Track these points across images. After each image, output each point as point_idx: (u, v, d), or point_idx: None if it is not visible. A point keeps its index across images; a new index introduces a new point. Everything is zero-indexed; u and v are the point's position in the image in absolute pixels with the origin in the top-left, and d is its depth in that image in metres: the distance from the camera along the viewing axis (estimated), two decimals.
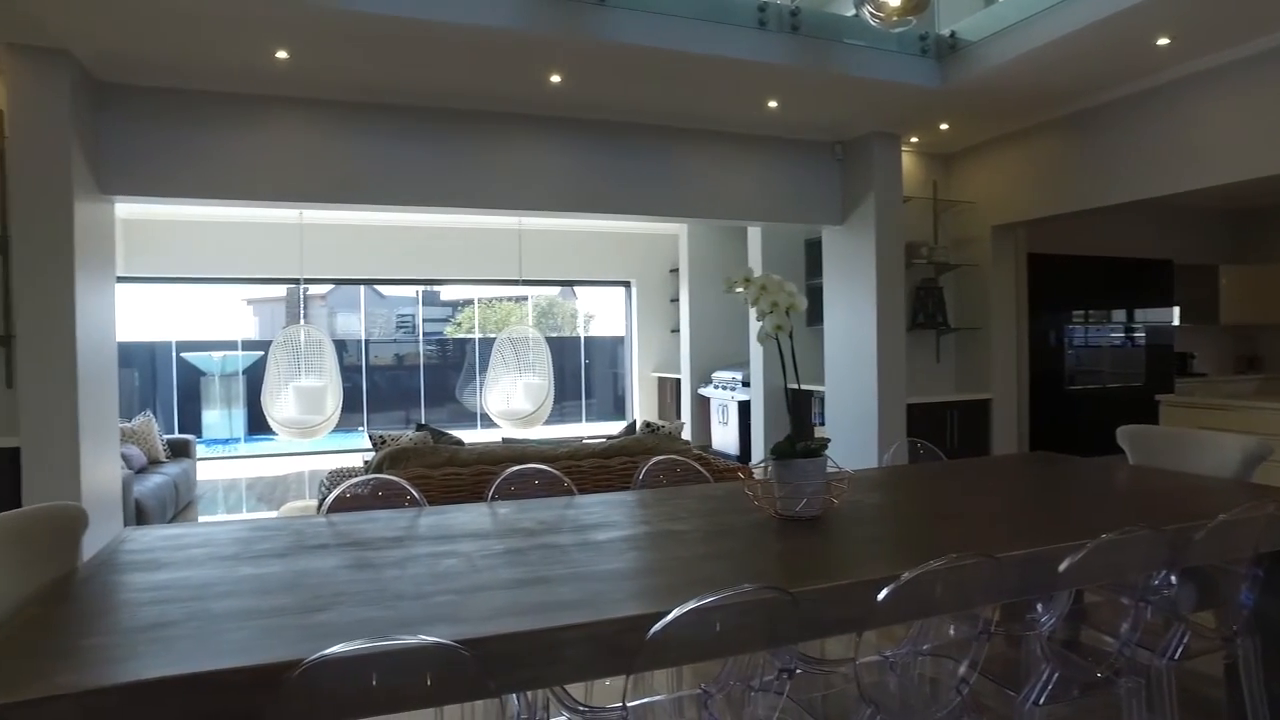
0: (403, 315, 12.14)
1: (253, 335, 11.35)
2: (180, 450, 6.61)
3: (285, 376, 6.33)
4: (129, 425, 6.03)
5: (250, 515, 6.37)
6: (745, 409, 7.71)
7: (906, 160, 5.96)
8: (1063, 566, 1.75)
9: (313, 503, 6.34)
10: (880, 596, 1.49)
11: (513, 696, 1.68)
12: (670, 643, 1.34)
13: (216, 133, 4.32)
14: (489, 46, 3.92)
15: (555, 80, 4.39)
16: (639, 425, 5.49)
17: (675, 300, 9.81)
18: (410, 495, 2.48)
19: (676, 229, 9.35)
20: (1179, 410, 5.26)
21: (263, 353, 7.55)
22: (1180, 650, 2.02)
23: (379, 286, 11.33)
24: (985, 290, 6.13)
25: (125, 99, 4.16)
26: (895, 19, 2.99)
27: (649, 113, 5.06)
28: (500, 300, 12.56)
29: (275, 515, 6.04)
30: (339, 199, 4.63)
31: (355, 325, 11.65)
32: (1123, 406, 6.76)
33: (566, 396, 11.67)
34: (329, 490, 4.45)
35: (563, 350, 11.94)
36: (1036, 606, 1.99)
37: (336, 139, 4.56)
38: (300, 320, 6.94)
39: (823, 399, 6.11)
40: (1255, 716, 2.22)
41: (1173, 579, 1.99)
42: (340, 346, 10.25)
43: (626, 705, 1.49)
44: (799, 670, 1.82)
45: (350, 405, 8.53)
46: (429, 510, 2.37)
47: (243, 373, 10.76)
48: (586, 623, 1.38)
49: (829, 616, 1.59)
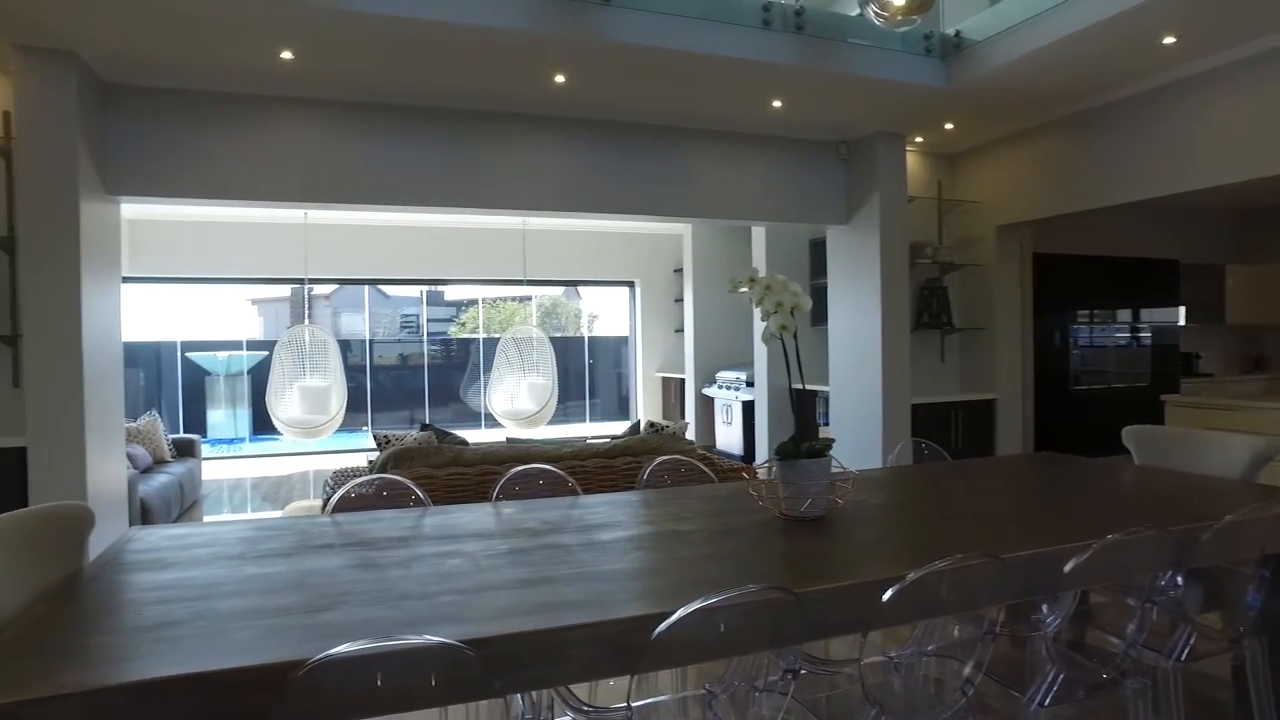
0: (407, 315, 12.15)
1: (257, 335, 11.38)
2: (185, 450, 6.63)
3: (290, 376, 6.35)
4: (134, 425, 6.05)
5: (255, 515, 6.39)
6: (749, 409, 7.71)
7: (911, 160, 5.95)
8: (1068, 567, 1.74)
9: (317, 502, 6.35)
10: (885, 597, 1.49)
11: (517, 696, 1.68)
12: (675, 643, 1.34)
13: (221, 133, 4.34)
14: (493, 47, 3.92)
15: (559, 80, 4.40)
16: (643, 425, 5.49)
17: (679, 300, 9.81)
18: (415, 495, 2.48)
19: (681, 229, 9.35)
20: (1185, 410, 5.24)
21: (267, 353, 7.57)
22: (1187, 652, 2.01)
23: (383, 286, 11.35)
24: (990, 290, 6.12)
25: (131, 99, 4.18)
26: (900, 18, 2.99)
27: (653, 112, 5.06)
28: (504, 300, 12.58)
29: (280, 515, 6.05)
30: (344, 199, 4.64)
31: (360, 325, 11.67)
32: (1128, 407, 6.74)
33: (570, 396, 11.67)
34: (333, 490, 4.47)
35: (567, 350, 11.94)
36: (1042, 607, 1.99)
37: (341, 139, 4.57)
38: (305, 320, 6.96)
39: (827, 399, 6.11)
40: (1263, 718, 2.21)
41: (1179, 580, 1.98)
42: (345, 346, 10.28)
43: (631, 705, 1.49)
44: (803, 671, 1.81)
45: (355, 405, 8.54)
46: (433, 510, 2.37)
47: (247, 372, 10.79)
48: (591, 623, 1.38)
49: (834, 617, 1.59)
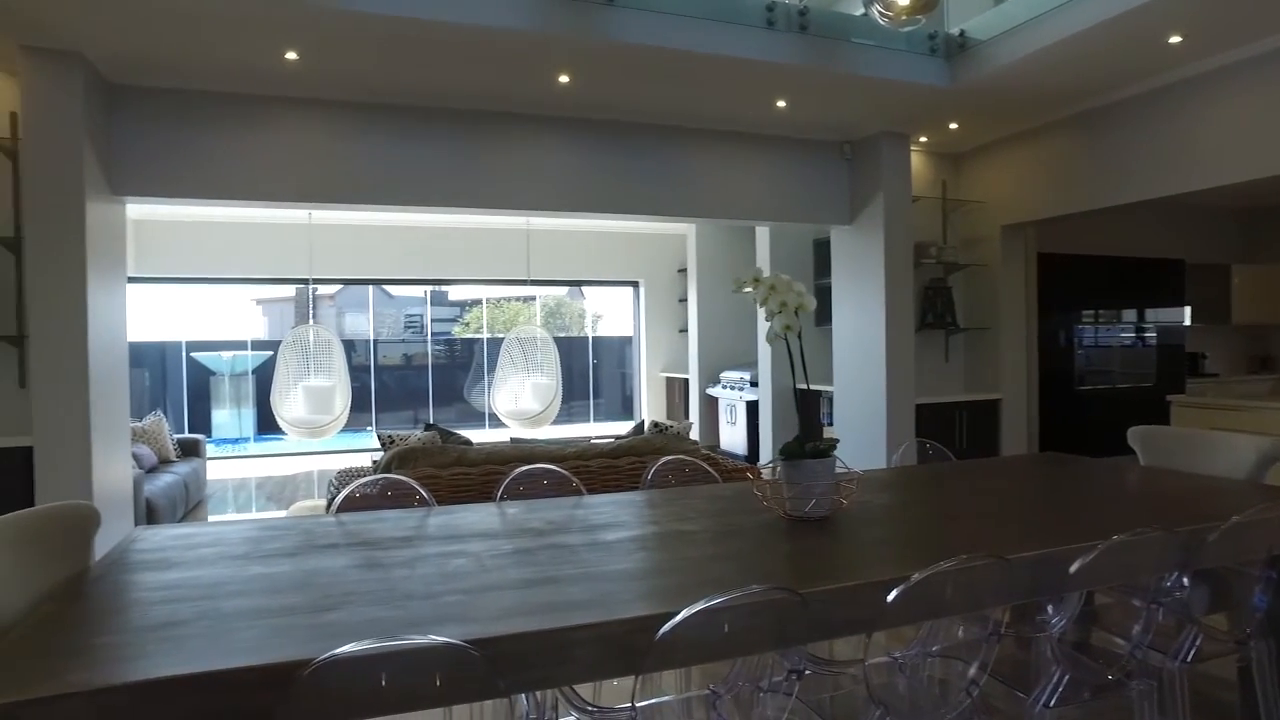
0: (411, 315, 12.17)
1: (262, 335, 11.40)
2: (190, 450, 6.65)
3: (294, 376, 6.36)
4: (140, 425, 6.07)
5: (259, 515, 6.40)
6: (753, 409, 7.70)
7: (915, 160, 5.94)
8: (1074, 568, 1.74)
9: (321, 502, 6.36)
10: (890, 598, 1.49)
11: (521, 696, 1.68)
12: (679, 643, 1.34)
13: (226, 133, 4.35)
14: (497, 47, 3.93)
15: (563, 80, 4.40)
16: (647, 425, 5.49)
17: (683, 300, 9.80)
18: (419, 495, 2.49)
19: (684, 229, 9.35)
20: (1190, 411, 5.22)
21: (272, 353, 7.60)
22: (1193, 653, 2.01)
23: (387, 286, 11.36)
24: (994, 290, 6.10)
25: (136, 100, 4.19)
26: (904, 18, 2.98)
27: (657, 112, 5.06)
28: (508, 300, 12.58)
29: (284, 515, 6.06)
30: (348, 199, 4.65)
31: (364, 325, 11.69)
32: (1133, 407, 6.73)
33: (574, 396, 11.67)
34: (338, 490, 4.47)
35: (571, 350, 11.94)
36: (1047, 608, 1.98)
37: (345, 139, 4.57)
38: (309, 320, 6.97)
39: (831, 399, 6.10)
40: None
41: (1185, 581, 1.98)
42: (349, 346, 10.30)
43: (635, 705, 1.49)
44: (808, 671, 1.81)
45: (359, 405, 8.55)
46: (438, 510, 2.37)
47: (252, 372, 10.82)
48: (596, 623, 1.38)
49: (838, 618, 1.58)
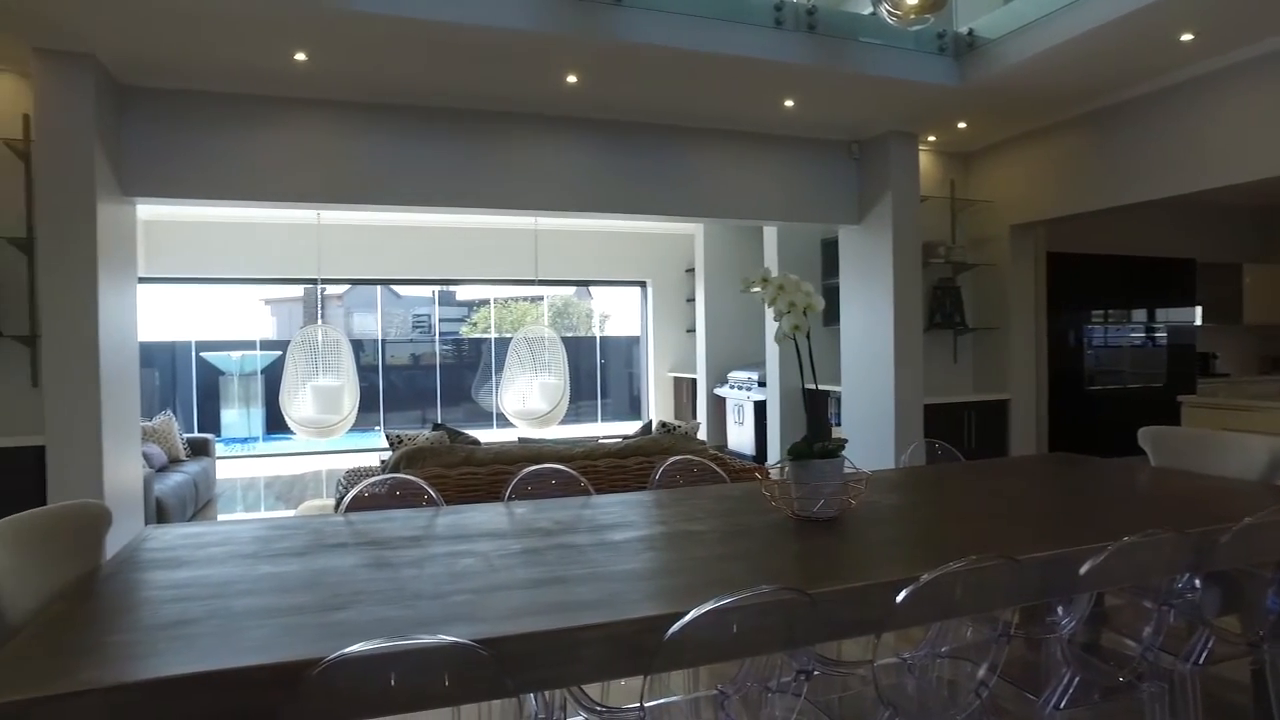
0: (419, 315, 12.20)
1: (271, 335, 11.46)
2: (200, 449, 6.69)
3: (303, 376, 6.38)
4: (150, 424, 6.10)
5: (268, 514, 6.43)
6: (761, 409, 7.69)
7: (924, 159, 5.92)
8: (1084, 569, 1.73)
9: (330, 501, 6.39)
10: (899, 598, 1.48)
11: (530, 696, 1.68)
12: (688, 643, 1.34)
13: (235, 134, 4.37)
14: (506, 47, 3.93)
15: (571, 80, 4.40)
16: (655, 425, 5.48)
17: (691, 300, 9.80)
18: (427, 495, 2.49)
19: (692, 229, 9.34)
20: (1202, 411, 5.18)
21: (280, 352, 7.62)
22: (1205, 655, 1.99)
23: (395, 286, 11.40)
24: (1004, 290, 6.08)
25: (147, 101, 4.21)
26: (913, 17, 2.97)
27: (665, 112, 5.06)
28: (516, 300, 12.60)
29: (293, 514, 6.09)
30: (356, 199, 4.66)
31: (372, 325, 11.73)
32: (1143, 407, 6.69)
33: (582, 396, 11.69)
34: (346, 489, 4.49)
35: (578, 350, 11.96)
36: (1057, 609, 1.98)
37: (354, 140, 4.59)
38: (318, 320, 6.99)
39: (839, 399, 6.08)
40: None
41: (1197, 583, 1.96)
42: (357, 346, 10.33)
43: (644, 706, 1.49)
44: (816, 672, 1.81)
45: (367, 405, 8.60)
46: (446, 510, 2.38)
47: (261, 372, 10.87)
48: (604, 623, 1.38)
49: (847, 618, 1.58)
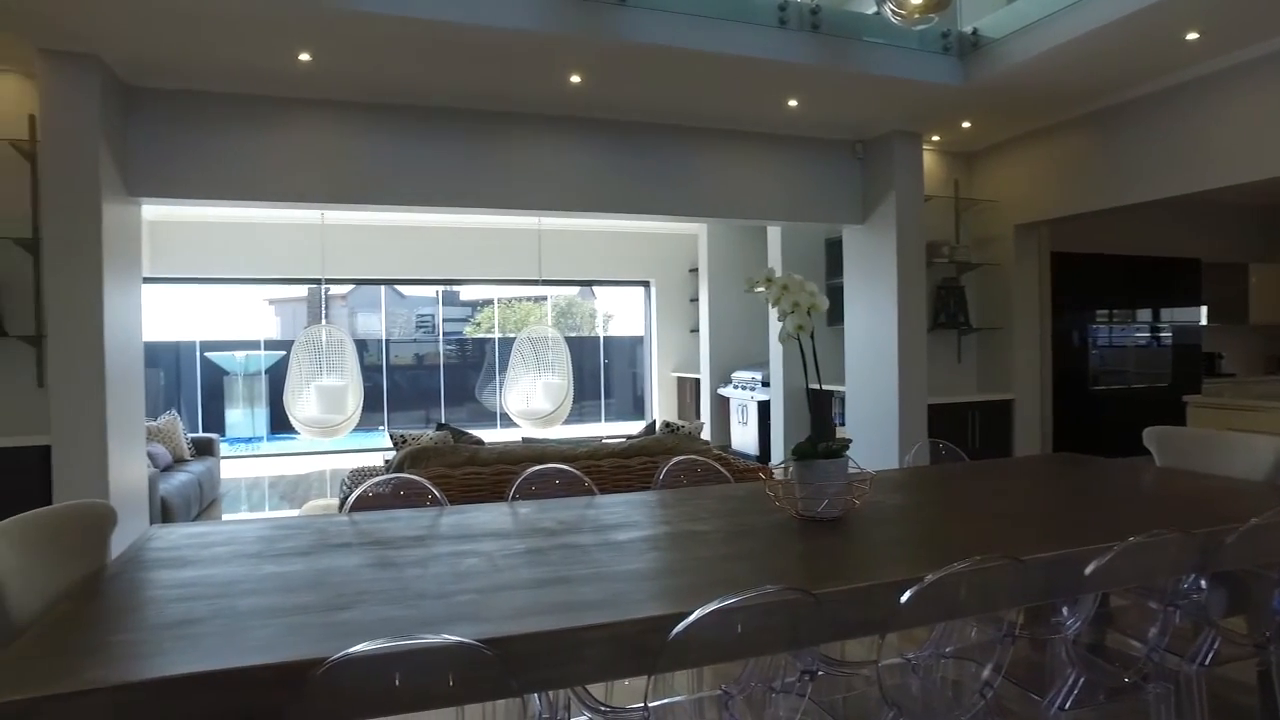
0: (423, 315, 12.22)
1: (275, 335, 11.48)
2: (204, 449, 6.70)
3: (307, 376, 6.39)
4: (154, 424, 6.11)
5: (272, 514, 6.44)
6: (765, 409, 7.69)
7: (928, 159, 5.91)
8: (1089, 569, 1.72)
9: (334, 501, 6.40)
10: (903, 598, 1.48)
11: (534, 696, 1.68)
12: (692, 644, 1.34)
13: (240, 135, 4.38)
14: (510, 47, 3.93)
15: (575, 80, 4.40)
16: (658, 425, 5.48)
17: (695, 300, 9.79)
18: (431, 494, 2.49)
19: (696, 229, 9.34)
20: (1207, 411, 5.16)
21: (285, 352, 7.65)
22: (1211, 656, 1.99)
23: (399, 286, 11.42)
24: (1008, 289, 6.07)
25: (152, 102, 4.22)
26: (917, 16, 2.97)
27: (669, 112, 5.06)
28: (519, 300, 12.61)
29: (297, 514, 6.10)
30: (360, 199, 4.67)
31: (376, 325, 11.74)
32: (1148, 407, 6.67)
33: (586, 396, 11.69)
34: (350, 489, 4.49)
35: (582, 350, 11.96)
36: (1062, 609, 1.97)
37: (357, 140, 4.59)
38: (322, 320, 7.01)
39: (843, 399, 6.08)
40: None
41: (1202, 583, 1.96)
42: (361, 346, 10.34)
43: (648, 706, 1.49)
44: (821, 672, 1.80)
45: (371, 405, 8.60)
46: (450, 509, 2.38)
47: (265, 372, 10.89)
48: (608, 623, 1.38)
49: (851, 618, 1.58)
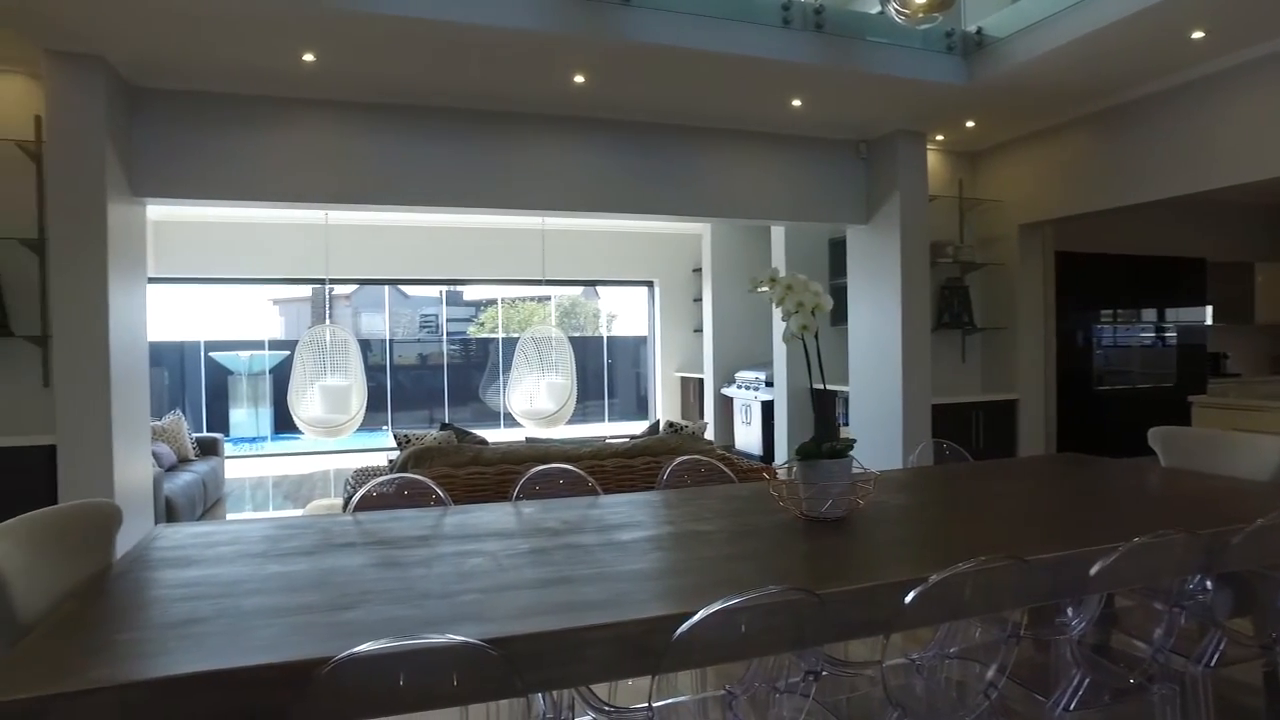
0: (426, 315, 12.23)
1: (279, 335, 11.50)
2: (209, 448, 6.72)
3: (311, 376, 6.40)
4: (159, 424, 6.13)
5: (277, 513, 6.45)
6: (768, 409, 7.68)
7: (932, 158, 5.90)
8: (1094, 570, 1.72)
9: (338, 501, 6.40)
10: (908, 599, 1.48)
11: (538, 696, 1.68)
12: (696, 644, 1.34)
13: (244, 135, 4.38)
14: (513, 47, 3.94)
15: (579, 80, 4.40)
16: (662, 425, 5.48)
17: (698, 300, 9.79)
18: (435, 494, 2.49)
19: (700, 228, 9.33)
20: (1212, 411, 5.14)
21: (289, 352, 7.65)
22: (1216, 657, 1.98)
23: (403, 286, 11.43)
24: (1012, 289, 6.05)
25: (157, 103, 4.23)
26: (921, 16, 2.96)
27: (672, 112, 5.06)
28: (523, 300, 12.62)
29: (301, 513, 6.11)
30: (364, 200, 4.68)
31: (380, 325, 11.76)
32: (1153, 407, 6.65)
33: (589, 396, 11.68)
34: (354, 489, 4.50)
35: (585, 350, 11.97)
36: (1066, 610, 1.96)
37: (361, 140, 4.60)
38: (326, 320, 7.01)
39: (847, 399, 6.07)
40: None
41: (1208, 584, 1.95)
42: (365, 346, 10.36)
43: (652, 706, 1.49)
44: (824, 672, 1.80)
45: (375, 404, 8.60)
46: (454, 509, 2.38)
47: (269, 372, 10.91)
48: (612, 623, 1.38)
49: (856, 618, 1.57)
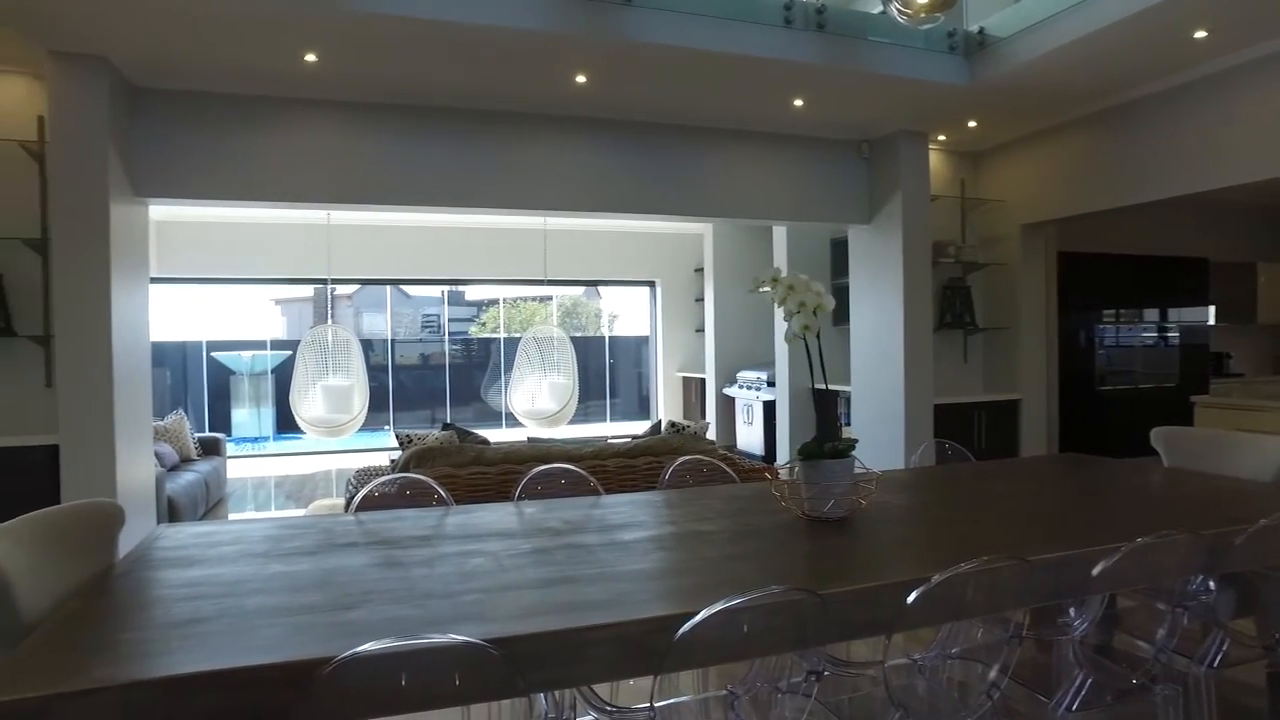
0: (428, 315, 12.24)
1: (281, 335, 11.51)
2: (211, 448, 6.72)
3: (313, 376, 6.41)
4: (161, 423, 6.14)
5: (279, 513, 6.46)
6: (770, 409, 7.68)
7: (934, 158, 5.90)
8: (1096, 570, 1.71)
9: (340, 501, 6.41)
10: (910, 599, 1.48)
11: (540, 696, 1.68)
12: (698, 644, 1.34)
13: (246, 135, 4.39)
14: (515, 47, 3.94)
15: (581, 80, 4.40)
16: (664, 425, 5.48)
17: (700, 300, 9.78)
18: (437, 494, 2.50)
19: (701, 228, 9.33)
20: (1215, 411, 5.14)
21: (291, 352, 7.64)
22: (1219, 658, 1.98)
23: (405, 286, 11.44)
24: (1014, 289, 6.05)
25: (159, 103, 4.24)
26: (923, 15, 2.95)
27: (674, 112, 5.05)
28: (525, 300, 12.62)
29: (304, 513, 6.11)
30: (366, 200, 4.68)
31: (381, 325, 11.77)
32: (1155, 407, 6.64)
33: (591, 396, 11.68)
34: (356, 489, 4.50)
35: (587, 350, 11.96)
36: (1069, 610, 1.96)
37: (364, 140, 4.60)
38: (328, 320, 7.02)
39: (849, 399, 6.07)
40: None
41: (1211, 585, 1.95)
42: (367, 346, 10.37)
43: (654, 706, 1.49)
44: (826, 672, 1.80)
45: (377, 404, 8.61)
46: (456, 509, 2.38)
47: (271, 372, 10.92)
48: (614, 623, 1.38)
49: (858, 619, 1.57)
